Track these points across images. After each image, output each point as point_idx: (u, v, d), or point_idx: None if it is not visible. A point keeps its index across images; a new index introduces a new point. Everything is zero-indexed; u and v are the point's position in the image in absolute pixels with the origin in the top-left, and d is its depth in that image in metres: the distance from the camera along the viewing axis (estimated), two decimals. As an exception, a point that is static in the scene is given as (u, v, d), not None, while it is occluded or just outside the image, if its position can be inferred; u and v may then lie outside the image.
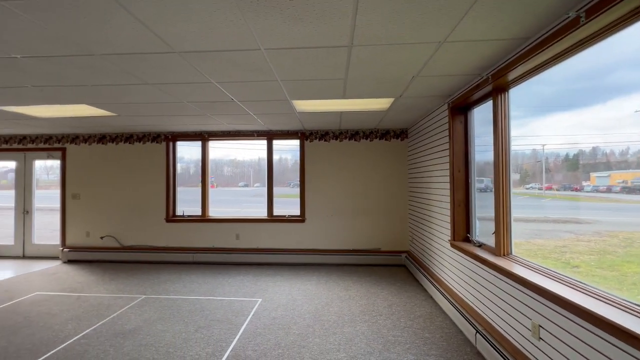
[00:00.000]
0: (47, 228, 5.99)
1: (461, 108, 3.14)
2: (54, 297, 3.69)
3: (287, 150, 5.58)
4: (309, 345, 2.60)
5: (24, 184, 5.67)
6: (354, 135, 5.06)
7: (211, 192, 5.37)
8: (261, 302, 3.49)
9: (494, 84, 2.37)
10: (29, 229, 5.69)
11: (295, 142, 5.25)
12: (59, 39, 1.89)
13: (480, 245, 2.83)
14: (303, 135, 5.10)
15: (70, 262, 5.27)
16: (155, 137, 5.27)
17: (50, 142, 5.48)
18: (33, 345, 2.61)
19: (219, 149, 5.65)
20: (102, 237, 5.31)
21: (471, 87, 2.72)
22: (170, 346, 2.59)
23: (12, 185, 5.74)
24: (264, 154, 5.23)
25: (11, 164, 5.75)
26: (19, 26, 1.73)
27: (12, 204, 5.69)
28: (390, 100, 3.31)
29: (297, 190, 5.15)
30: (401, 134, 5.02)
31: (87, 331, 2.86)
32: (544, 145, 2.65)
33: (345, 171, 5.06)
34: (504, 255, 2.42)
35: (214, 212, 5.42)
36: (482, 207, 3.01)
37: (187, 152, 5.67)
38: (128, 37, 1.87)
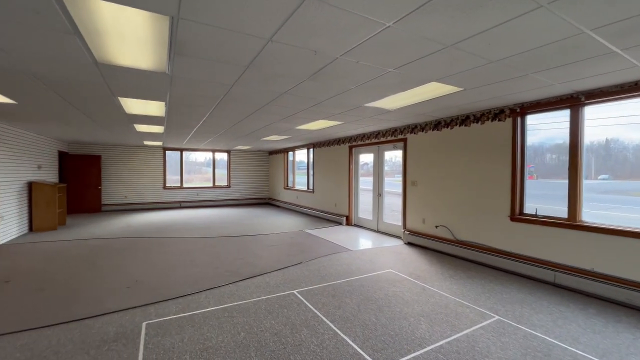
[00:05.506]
0: (391, 210, 7.03)
1: None
2: (403, 280, 3.80)
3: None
4: None
5: (378, 172, 6.91)
6: None
7: (529, 184, 3.91)
8: None
9: None
10: (381, 209, 6.90)
11: None
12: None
13: None
14: None
15: (409, 244, 5.66)
16: (497, 113, 4.25)
17: (395, 134, 6.17)
18: (395, 335, 2.52)
19: (545, 130, 3.70)
20: (436, 226, 5.19)
21: None
22: None
23: (369, 173, 7.24)
24: (614, 131, 2.55)
25: (370, 157, 7.22)
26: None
27: (370, 187, 7.16)
28: None
29: None
30: None
31: (441, 342, 2.42)
32: None
33: None
34: None
35: (560, 211, 3.57)
36: None
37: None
38: None
